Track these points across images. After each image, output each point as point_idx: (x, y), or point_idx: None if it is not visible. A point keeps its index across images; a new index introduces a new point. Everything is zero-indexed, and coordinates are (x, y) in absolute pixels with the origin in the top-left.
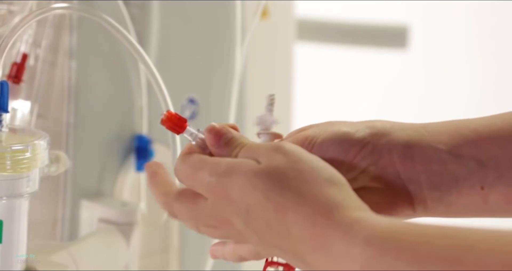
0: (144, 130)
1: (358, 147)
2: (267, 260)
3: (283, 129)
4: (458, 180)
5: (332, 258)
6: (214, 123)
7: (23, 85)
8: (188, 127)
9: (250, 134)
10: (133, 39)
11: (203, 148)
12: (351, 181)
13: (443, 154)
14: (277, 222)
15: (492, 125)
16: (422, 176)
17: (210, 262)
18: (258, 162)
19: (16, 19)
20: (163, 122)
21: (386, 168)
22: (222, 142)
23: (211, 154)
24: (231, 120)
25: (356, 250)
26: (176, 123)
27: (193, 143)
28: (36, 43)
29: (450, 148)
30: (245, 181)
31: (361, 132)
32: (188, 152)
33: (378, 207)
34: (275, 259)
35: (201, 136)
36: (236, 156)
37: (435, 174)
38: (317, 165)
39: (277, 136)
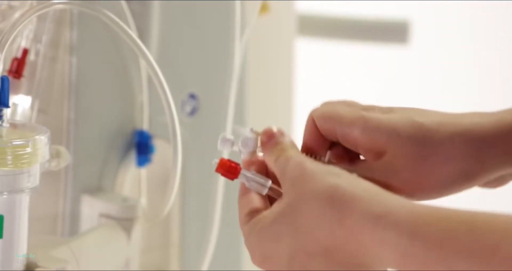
0: (145, 126)
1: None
2: None
3: (283, 124)
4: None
5: (370, 254)
6: (271, 127)
7: (23, 80)
8: (242, 172)
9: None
10: (134, 35)
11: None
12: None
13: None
14: (314, 247)
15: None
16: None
17: (209, 258)
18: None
19: (17, 14)
20: (217, 170)
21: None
22: (269, 144)
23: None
24: (230, 116)
25: (387, 250)
26: (228, 170)
27: (247, 185)
28: (36, 39)
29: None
30: (264, 237)
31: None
32: (242, 193)
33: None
34: None
35: (257, 179)
36: (275, 161)
37: None
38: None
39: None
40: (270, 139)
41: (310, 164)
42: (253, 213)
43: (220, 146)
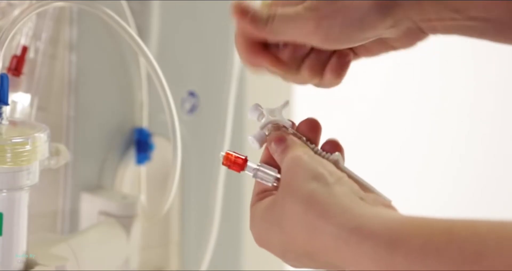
0: (144, 124)
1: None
2: None
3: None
4: (460, 30)
5: (349, 263)
6: (278, 133)
7: (23, 78)
8: (248, 164)
9: (249, 126)
10: (133, 32)
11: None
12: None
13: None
14: (297, 248)
15: None
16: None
17: (209, 256)
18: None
19: (16, 11)
20: (223, 163)
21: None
22: (279, 149)
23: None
24: (230, 113)
25: (364, 262)
26: (234, 163)
27: (254, 176)
28: (36, 36)
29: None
30: (263, 230)
31: None
32: (257, 192)
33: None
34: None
35: (264, 170)
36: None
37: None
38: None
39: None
40: (278, 144)
41: (300, 160)
42: (261, 194)
43: (250, 114)
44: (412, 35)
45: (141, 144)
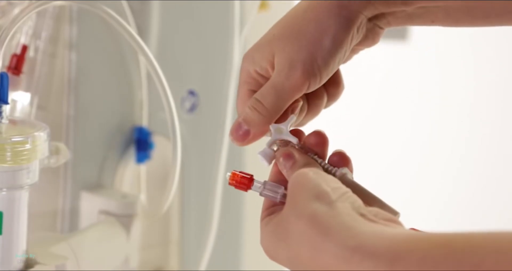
0: (144, 122)
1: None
2: None
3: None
4: (413, 19)
5: None
6: (286, 149)
7: (23, 76)
8: (255, 183)
9: None
10: (133, 31)
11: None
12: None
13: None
14: (304, 267)
15: None
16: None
17: (208, 254)
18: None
19: (16, 10)
20: (230, 183)
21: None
22: (288, 165)
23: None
24: (230, 112)
25: None
26: (240, 182)
27: (261, 194)
28: (36, 35)
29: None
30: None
31: None
32: (266, 207)
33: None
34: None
35: (269, 188)
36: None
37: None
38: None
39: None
40: (286, 161)
41: (304, 178)
42: (270, 208)
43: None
44: (373, 34)
45: (141, 143)
